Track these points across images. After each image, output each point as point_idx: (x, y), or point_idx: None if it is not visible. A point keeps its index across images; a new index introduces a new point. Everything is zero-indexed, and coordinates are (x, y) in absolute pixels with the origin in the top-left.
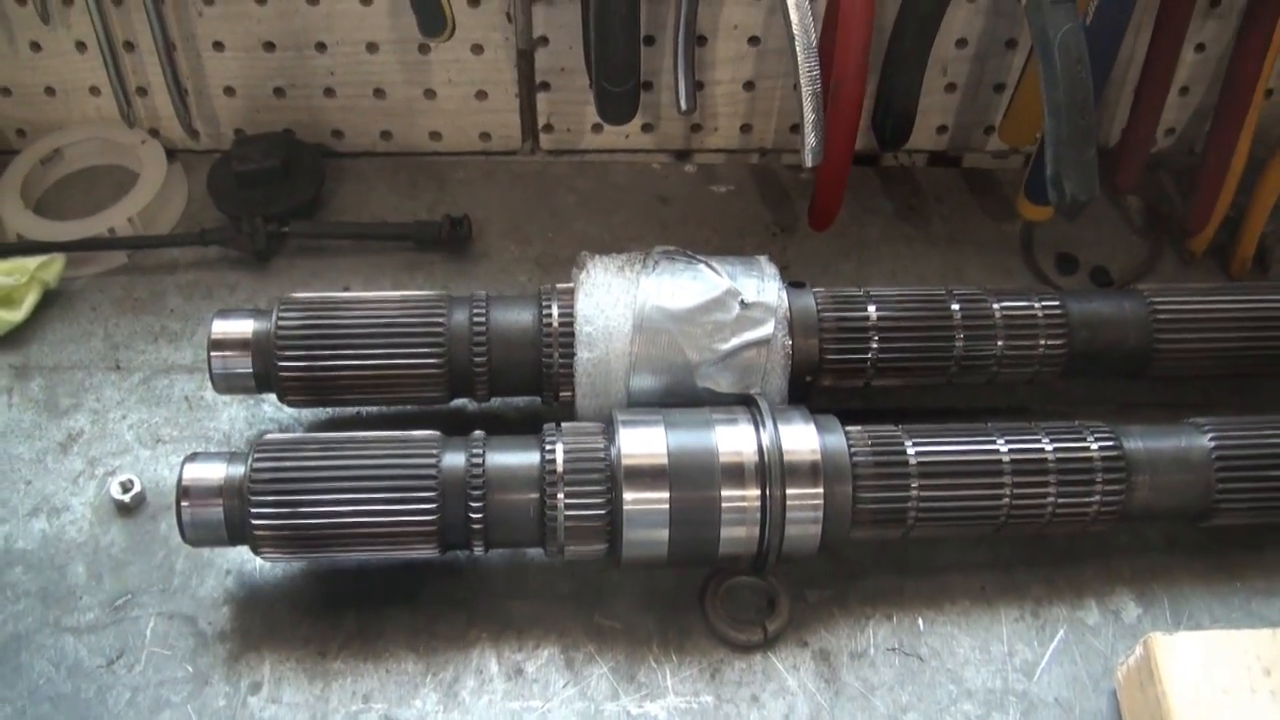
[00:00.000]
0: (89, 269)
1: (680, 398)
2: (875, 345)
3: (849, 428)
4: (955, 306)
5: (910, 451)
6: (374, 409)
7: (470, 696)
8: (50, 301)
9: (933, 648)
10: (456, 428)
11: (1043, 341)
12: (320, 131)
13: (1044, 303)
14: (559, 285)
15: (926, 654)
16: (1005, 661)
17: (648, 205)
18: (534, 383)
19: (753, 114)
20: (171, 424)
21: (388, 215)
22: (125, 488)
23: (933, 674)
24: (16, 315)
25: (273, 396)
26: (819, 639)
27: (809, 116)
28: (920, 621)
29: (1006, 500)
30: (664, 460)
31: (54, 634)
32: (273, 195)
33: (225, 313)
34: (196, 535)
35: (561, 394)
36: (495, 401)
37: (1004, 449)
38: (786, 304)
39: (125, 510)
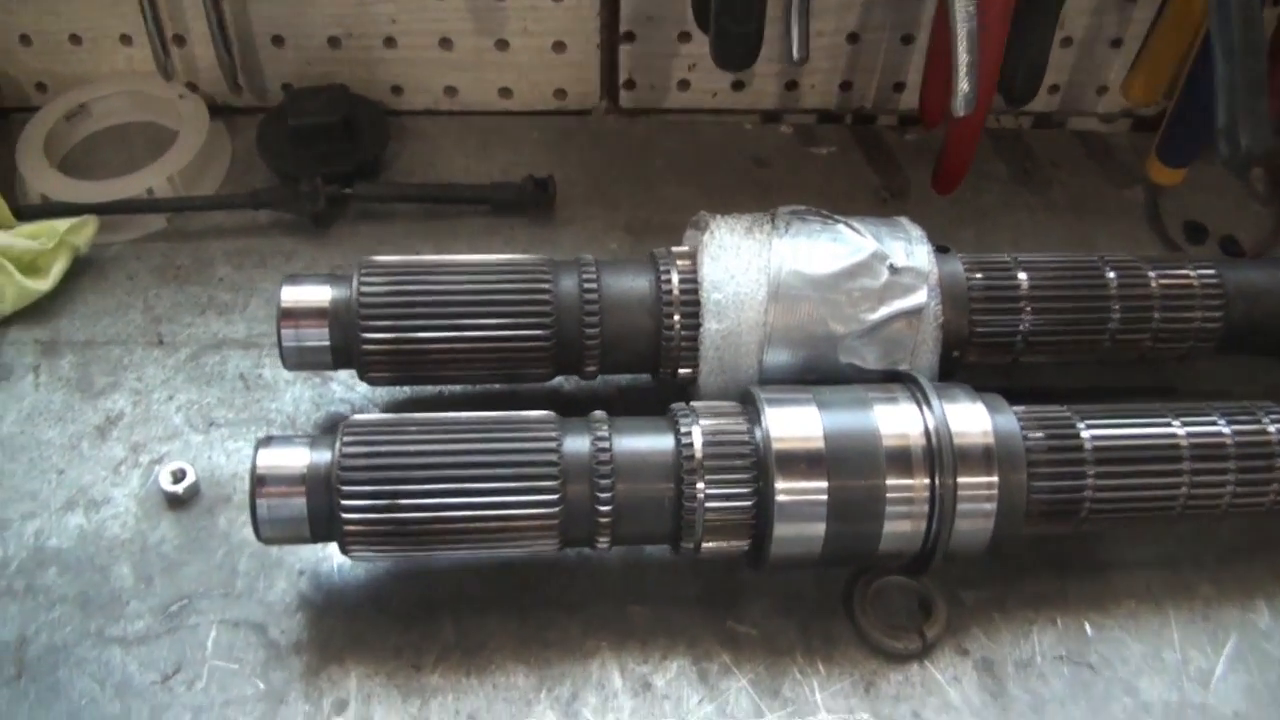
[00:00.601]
0: (124, 234)
1: (819, 375)
2: (1027, 316)
3: (1015, 408)
4: (1110, 275)
5: (1084, 435)
6: (457, 388)
7: (593, 716)
8: (81, 269)
9: (1103, 655)
10: (556, 408)
11: (1199, 314)
12: (377, 87)
13: (1200, 272)
14: (675, 249)
15: (1097, 662)
16: (1180, 670)
17: (742, 168)
18: (649, 358)
19: (854, 70)
20: (226, 405)
21: (457, 178)
22: (176, 477)
23: (1106, 685)
24: (44, 284)
25: (340, 375)
26: (980, 646)
27: (963, 59)
28: (1087, 626)
29: (1184, 489)
30: (820, 444)
31: (98, 645)
32: (333, 154)
33: (296, 278)
34: (274, 532)
35: (680, 370)
36: (596, 380)
37: (1181, 432)
38: (937, 270)
39: (177, 503)
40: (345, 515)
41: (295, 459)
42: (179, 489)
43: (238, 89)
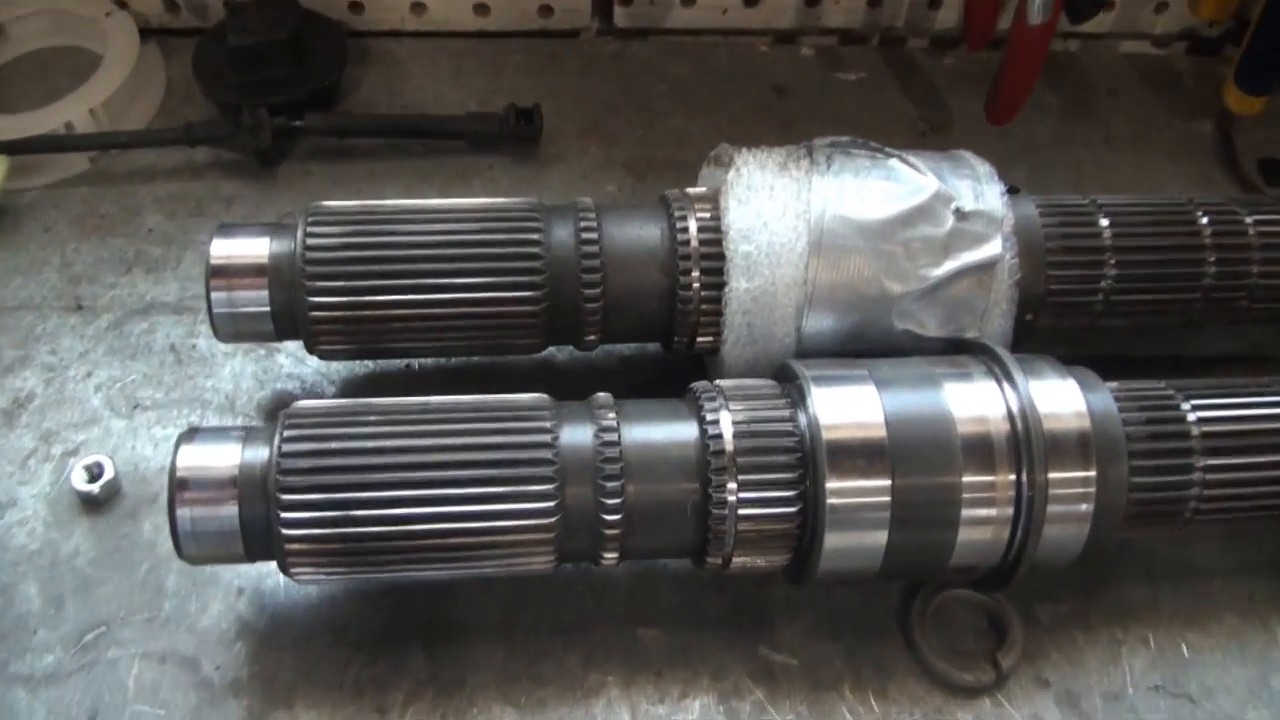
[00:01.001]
0: (40, 178)
1: (867, 344)
2: (1111, 270)
3: (1108, 384)
4: (1203, 220)
5: (1191, 418)
6: (427, 361)
7: None
8: None
9: (1204, 685)
10: (548, 388)
11: None
12: (334, 3)
13: None
14: (692, 190)
15: (1197, 693)
16: None
17: (760, 97)
18: (661, 324)
19: None
20: (154, 383)
21: (427, 108)
22: (92, 474)
23: None
24: None
25: (291, 346)
26: (1062, 676)
27: None
28: (1184, 647)
29: None
30: (881, 433)
31: None
32: (280, 80)
33: (230, 228)
34: (199, 549)
35: (700, 339)
36: (596, 351)
37: None
38: (1011, 215)
39: (93, 505)
40: (286, 530)
41: (225, 457)
42: (95, 488)
43: (174, 7)
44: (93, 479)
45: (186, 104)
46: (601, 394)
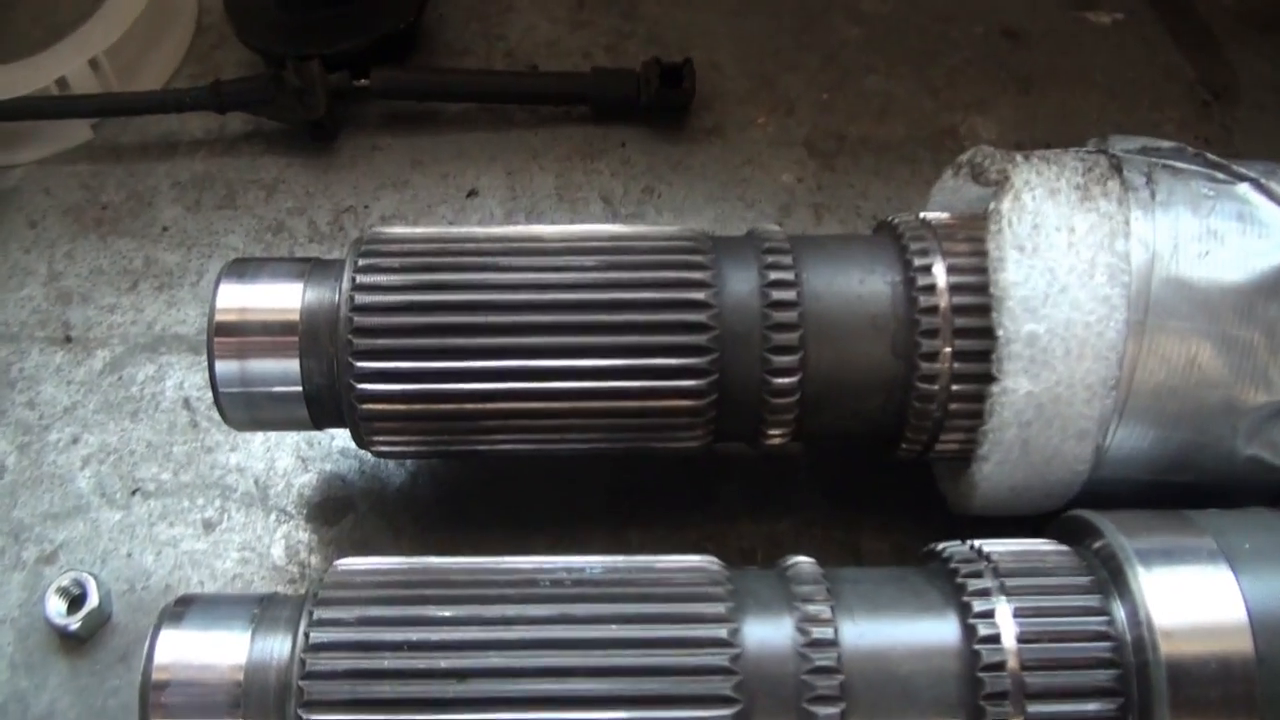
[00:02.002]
0: (27, 151)
1: (1196, 475)
2: None
3: None
4: None
5: None
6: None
7: None
8: None
9: None
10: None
11: None
12: None
13: None
14: (934, 216)
15: None
16: None
17: (986, 45)
18: (884, 425)
19: None
20: (159, 457)
21: (538, 62)
22: (71, 600)
23: None
24: None
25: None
26: None
27: None
28: None
29: None
30: (1247, 647)
31: None
32: (340, 24)
33: (244, 267)
34: None
35: (941, 445)
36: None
37: None
38: None
39: (72, 643)
40: None
41: (223, 653)
42: (75, 622)
43: None
44: (73, 608)
45: (217, 54)
46: (804, 562)
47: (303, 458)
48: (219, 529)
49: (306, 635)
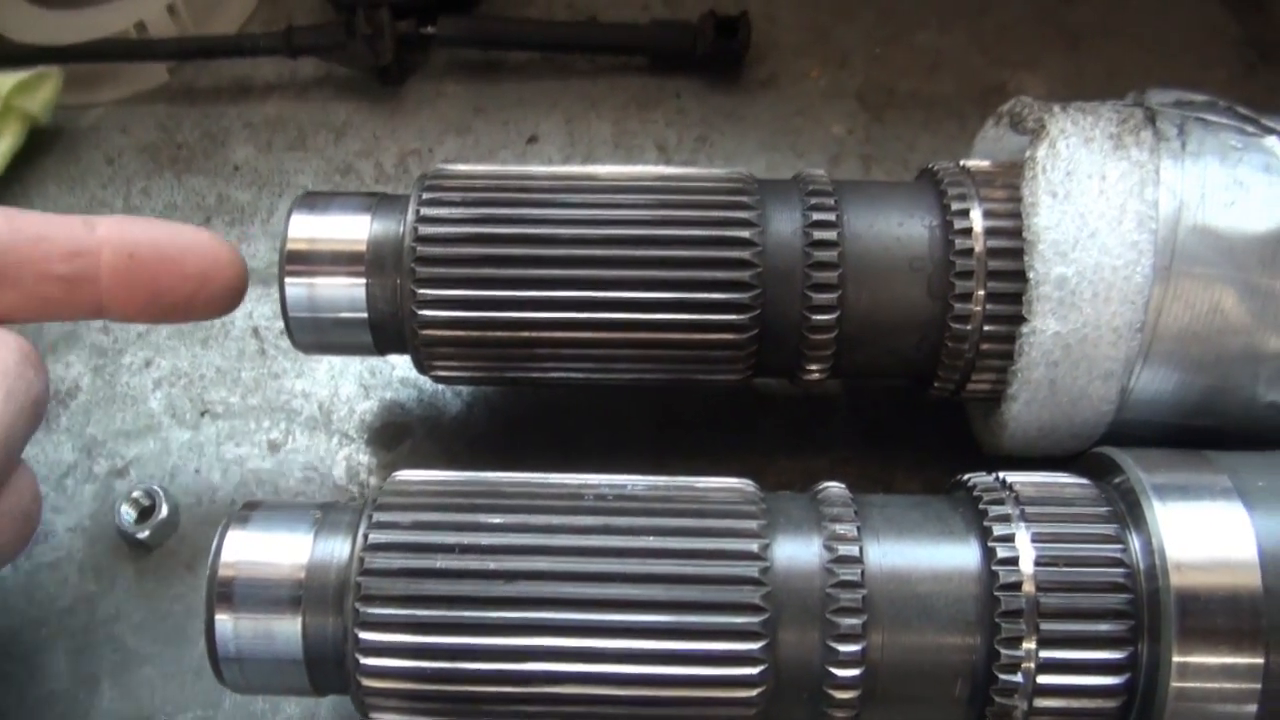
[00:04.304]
0: (104, 92)
1: (1217, 420)
2: None
3: None
4: None
5: None
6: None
7: None
8: (39, 145)
9: None
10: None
11: None
12: None
13: None
14: (973, 164)
15: None
16: None
17: (1037, 2)
18: (918, 362)
19: None
20: (228, 381)
21: (599, 12)
22: (141, 509)
23: None
24: None
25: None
26: None
27: None
28: None
29: None
30: (1254, 581)
31: None
32: None
33: (315, 200)
34: (245, 676)
35: (971, 385)
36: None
37: None
38: None
39: (141, 550)
40: (364, 676)
41: (286, 553)
42: (145, 532)
43: None
44: (142, 517)
45: (289, 1)
46: (834, 487)
47: (365, 385)
48: (284, 450)
49: (366, 536)
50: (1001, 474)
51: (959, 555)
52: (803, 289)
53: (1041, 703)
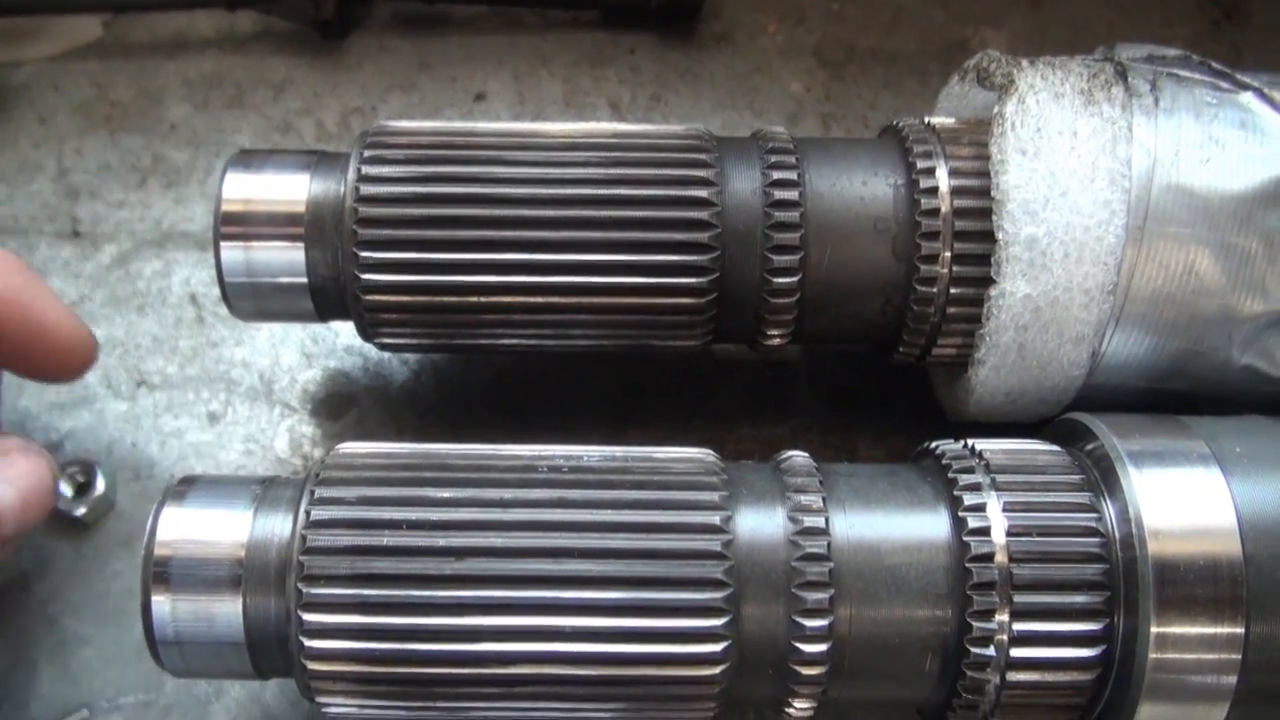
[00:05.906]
0: (38, 47)
1: (1190, 384)
2: None
3: None
4: None
5: None
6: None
7: None
8: None
9: None
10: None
11: None
12: None
13: None
14: (939, 121)
15: None
16: None
17: None
18: (883, 327)
19: None
20: (165, 350)
21: None
22: (77, 485)
23: None
24: None
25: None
26: None
27: None
28: None
29: None
30: (1235, 549)
31: None
32: None
33: (250, 158)
34: (184, 660)
35: (937, 350)
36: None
37: None
38: None
39: (77, 528)
40: (309, 659)
41: (225, 531)
42: (80, 507)
43: None
44: (79, 493)
45: None
46: (797, 456)
47: (307, 354)
48: (223, 421)
49: (308, 513)
50: (971, 441)
51: (928, 526)
52: (763, 251)
53: (1015, 676)
